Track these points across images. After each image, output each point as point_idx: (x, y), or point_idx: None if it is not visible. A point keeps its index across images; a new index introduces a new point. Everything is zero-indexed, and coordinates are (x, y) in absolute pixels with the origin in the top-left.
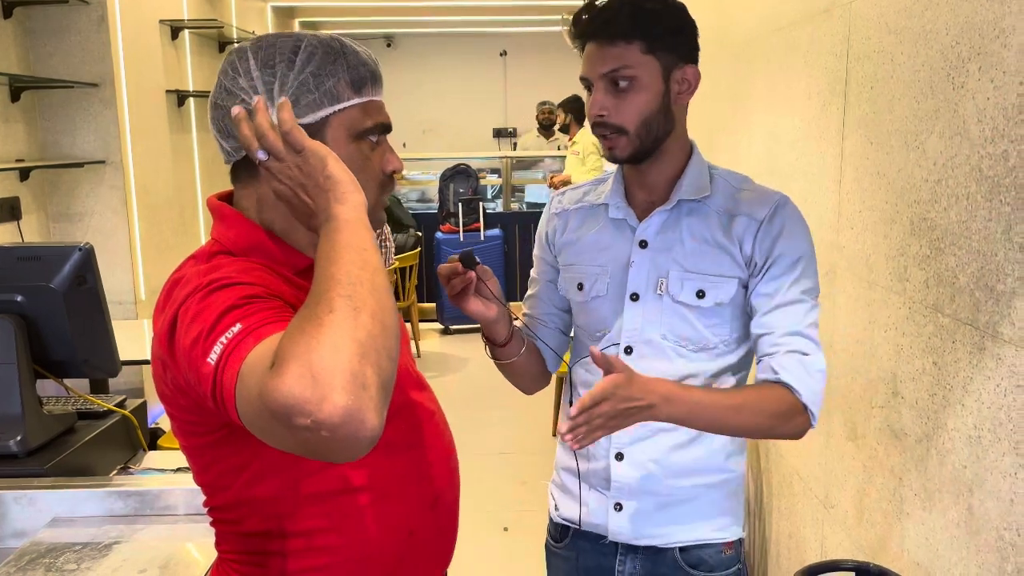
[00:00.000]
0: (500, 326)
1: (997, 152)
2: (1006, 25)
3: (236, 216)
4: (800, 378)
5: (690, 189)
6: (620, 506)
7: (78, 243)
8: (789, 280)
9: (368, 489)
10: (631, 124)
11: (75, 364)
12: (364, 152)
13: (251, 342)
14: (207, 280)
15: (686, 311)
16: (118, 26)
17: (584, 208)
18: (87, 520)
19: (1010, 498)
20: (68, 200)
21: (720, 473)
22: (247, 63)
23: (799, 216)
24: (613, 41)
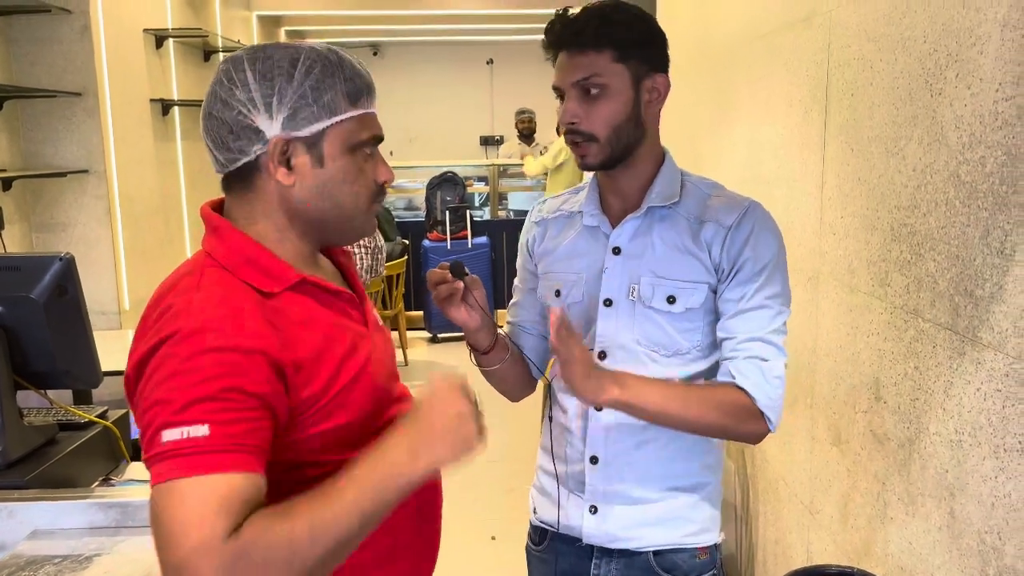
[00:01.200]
0: (483, 334)
1: (975, 158)
2: (982, 32)
3: (228, 228)
4: (757, 383)
5: (660, 196)
6: (595, 509)
7: (58, 253)
8: (754, 286)
9: None
10: (602, 131)
11: (56, 375)
12: (359, 163)
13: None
14: (195, 326)
15: (658, 316)
16: (101, 35)
17: (562, 216)
18: (68, 532)
19: (991, 501)
20: (51, 210)
21: (695, 478)
22: (244, 74)
23: (768, 222)
24: (584, 50)
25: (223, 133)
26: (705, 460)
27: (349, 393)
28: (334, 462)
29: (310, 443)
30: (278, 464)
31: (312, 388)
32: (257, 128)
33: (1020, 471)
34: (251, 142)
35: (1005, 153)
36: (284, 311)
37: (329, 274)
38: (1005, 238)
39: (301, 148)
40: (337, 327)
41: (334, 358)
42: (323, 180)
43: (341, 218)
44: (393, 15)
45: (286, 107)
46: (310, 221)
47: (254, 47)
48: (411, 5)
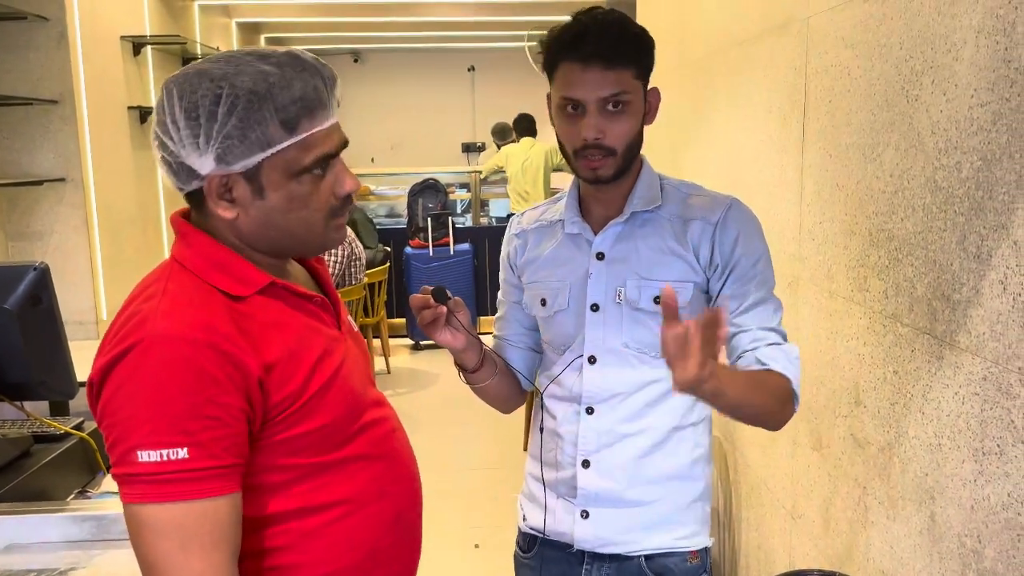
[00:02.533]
0: (469, 354)
1: (951, 163)
2: (957, 39)
3: (197, 234)
4: (787, 367)
5: (641, 201)
6: (586, 514)
7: (33, 262)
8: (755, 281)
9: (329, 507)
10: (621, 146)
11: (31, 386)
12: (305, 188)
13: (189, 491)
14: (163, 333)
15: (645, 317)
16: (78, 42)
17: (542, 226)
18: (43, 546)
19: (970, 505)
20: (27, 219)
21: (686, 481)
22: (173, 110)
23: (752, 215)
24: (613, 66)
25: (165, 169)
26: (697, 463)
27: (323, 396)
28: (303, 466)
29: (283, 447)
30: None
31: (286, 390)
32: (190, 166)
33: (999, 474)
34: (189, 178)
35: (981, 158)
36: (254, 315)
37: (301, 279)
38: (981, 243)
39: (240, 181)
40: (309, 330)
41: (308, 361)
42: (267, 210)
43: (294, 242)
44: (374, 22)
45: (213, 148)
46: (263, 246)
47: (184, 73)
48: (392, 13)
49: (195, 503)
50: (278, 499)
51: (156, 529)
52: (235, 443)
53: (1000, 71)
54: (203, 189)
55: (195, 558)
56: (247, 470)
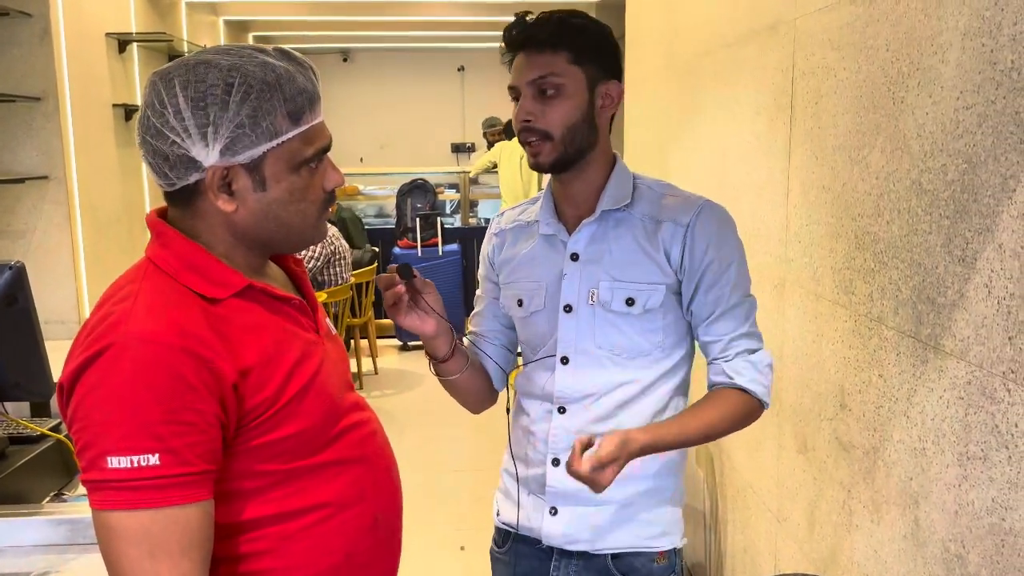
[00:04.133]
0: (440, 341)
1: (936, 166)
2: (943, 41)
3: (173, 234)
4: (753, 379)
5: (611, 199)
6: (555, 511)
7: (9, 261)
8: (728, 285)
9: (307, 512)
10: (556, 130)
11: (6, 387)
12: (304, 179)
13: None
14: (135, 336)
15: (617, 319)
16: (62, 39)
17: (519, 226)
18: (16, 550)
19: (955, 509)
20: (9, 217)
21: (655, 480)
22: (176, 100)
23: (725, 217)
24: (541, 50)
25: (159, 161)
26: (667, 463)
27: (300, 402)
28: (279, 472)
29: (259, 452)
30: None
31: (262, 395)
32: (193, 158)
33: (983, 479)
34: (188, 171)
35: (966, 161)
36: (229, 318)
37: (279, 281)
38: (966, 246)
39: (241, 173)
40: (286, 333)
41: (284, 365)
42: (267, 203)
43: (290, 235)
44: (363, 21)
45: (223, 137)
46: (256, 240)
47: (185, 62)
48: (381, 12)
49: (164, 510)
50: (254, 505)
51: (124, 536)
52: (208, 449)
53: (986, 73)
54: (199, 184)
55: (164, 566)
56: (222, 476)
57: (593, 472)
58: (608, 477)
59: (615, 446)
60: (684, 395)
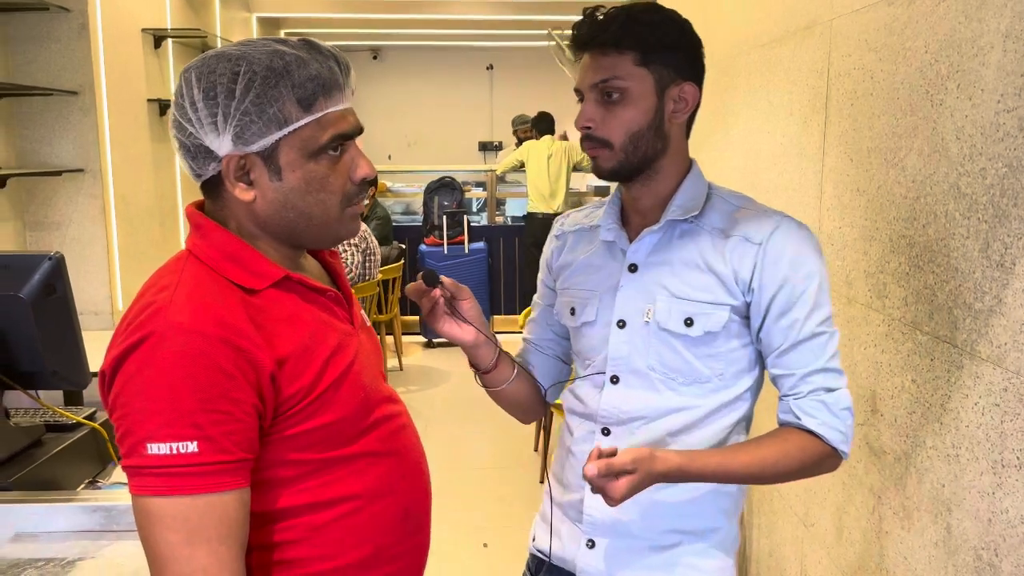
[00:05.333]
0: (482, 351)
1: (975, 170)
2: (984, 43)
3: (212, 226)
4: (825, 422)
5: (680, 209)
6: (592, 543)
7: (48, 252)
8: (803, 313)
9: (339, 502)
10: (617, 138)
11: (44, 375)
12: (323, 169)
13: (197, 484)
14: (176, 325)
15: (674, 340)
16: (99, 34)
17: (581, 230)
18: (51, 536)
19: (988, 517)
20: (45, 209)
21: (706, 522)
22: (192, 92)
23: (805, 236)
24: (605, 51)
25: (183, 153)
26: (720, 502)
27: (335, 392)
28: (313, 461)
29: (293, 441)
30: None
31: (298, 384)
32: (209, 148)
33: (1018, 487)
34: (206, 161)
35: (1006, 165)
36: (267, 308)
37: (315, 273)
38: (1005, 251)
39: (257, 162)
40: (322, 325)
41: (320, 355)
42: (284, 192)
43: (311, 227)
44: (393, 19)
45: (231, 125)
46: (280, 230)
47: (204, 57)
48: (411, 9)
49: (203, 497)
50: (288, 494)
51: (163, 522)
52: (245, 438)
53: None
54: (219, 175)
55: (201, 552)
56: (257, 465)
57: (601, 478)
58: (620, 490)
59: (632, 457)
60: (746, 432)
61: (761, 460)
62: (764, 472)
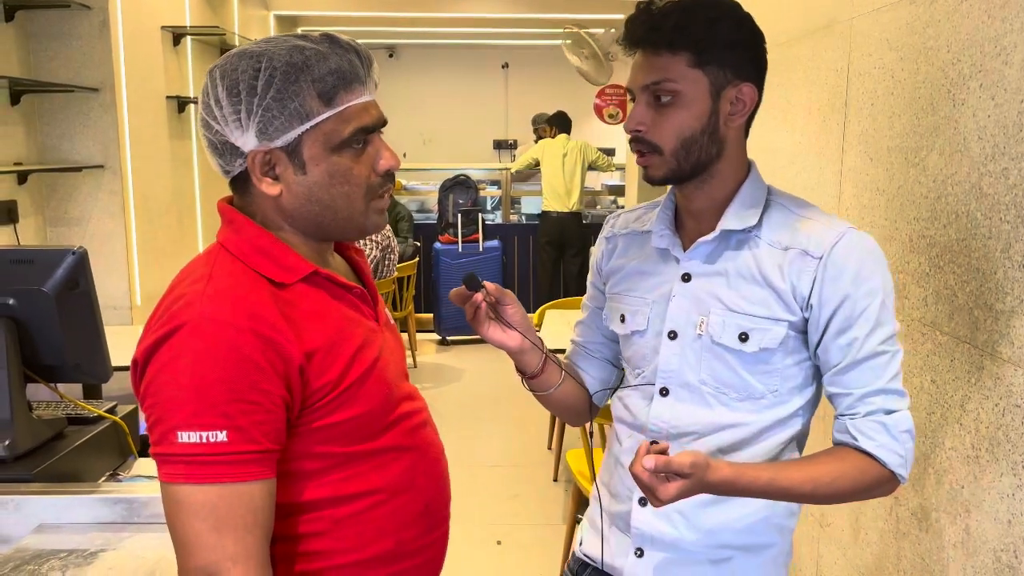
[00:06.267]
0: (528, 357)
1: (997, 170)
2: (1007, 43)
3: (244, 220)
4: (884, 444)
5: (736, 218)
6: (641, 552)
7: (71, 246)
8: (865, 330)
9: (361, 496)
10: (668, 144)
11: (66, 369)
12: (346, 162)
13: (226, 473)
14: (208, 316)
15: (727, 355)
16: (119, 31)
17: (632, 234)
18: (73, 527)
19: (1008, 519)
20: (66, 204)
21: (758, 538)
22: (216, 91)
23: (870, 249)
24: (658, 50)
25: (211, 151)
26: (773, 518)
27: (361, 386)
28: (338, 455)
29: (319, 434)
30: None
31: (326, 377)
32: (234, 144)
33: None
34: (233, 157)
35: None
36: (296, 302)
37: (341, 270)
38: None
39: (282, 157)
40: (349, 321)
41: (348, 350)
42: (308, 186)
43: (336, 219)
44: (410, 17)
45: (255, 121)
46: (307, 224)
47: (227, 56)
48: (427, 8)
49: (231, 486)
50: (312, 486)
51: (191, 509)
52: (273, 428)
53: None
54: (246, 171)
55: (229, 540)
56: (283, 456)
57: (654, 476)
58: (670, 492)
59: (691, 461)
60: (800, 450)
61: (814, 479)
62: (817, 492)
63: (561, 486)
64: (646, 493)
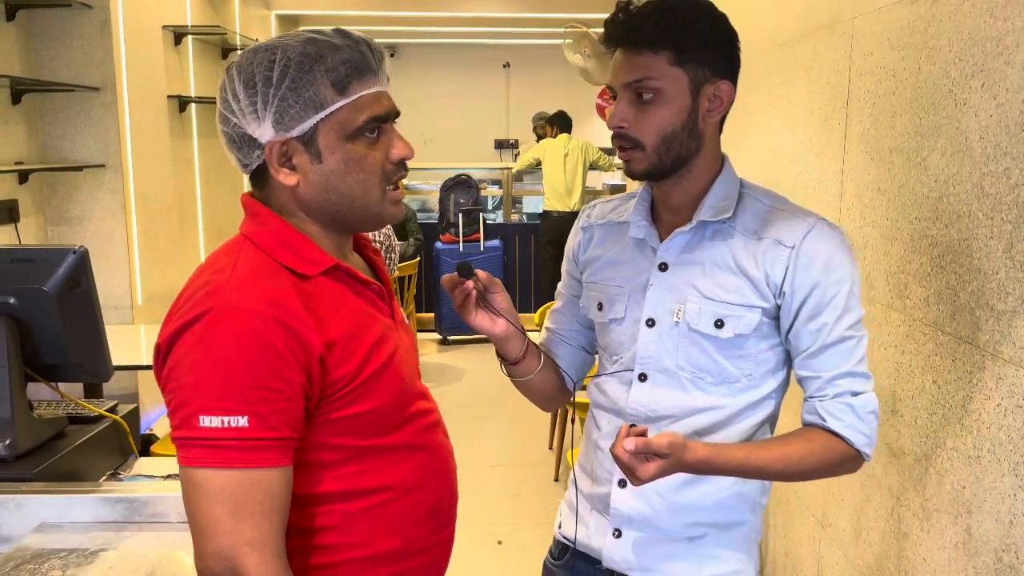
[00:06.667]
0: (511, 343)
1: (999, 169)
2: (1009, 42)
3: (268, 214)
4: (850, 424)
5: (712, 210)
6: (619, 533)
7: (72, 246)
8: (834, 316)
9: (373, 492)
10: (650, 139)
11: (67, 368)
12: (361, 150)
13: (246, 459)
14: (232, 304)
15: (704, 340)
16: (121, 31)
17: (609, 224)
18: (74, 526)
19: (1009, 519)
20: (67, 203)
21: (732, 515)
22: (233, 85)
23: (839, 240)
24: (639, 49)
25: (229, 145)
26: (744, 496)
27: (378, 380)
28: (353, 448)
29: (336, 425)
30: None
31: (345, 368)
32: (252, 136)
33: None
34: (251, 150)
35: None
36: (317, 294)
37: (360, 268)
38: None
39: (298, 147)
40: (367, 315)
41: (366, 343)
42: (325, 174)
43: (353, 208)
44: (411, 16)
45: (271, 111)
46: (324, 214)
47: (245, 52)
48: (428, 7)
49: (250, 471)
50: (327, 479)
51: (210, 493)
52: (292, 417)
53: None
54: (265, 164)
55: (246, 525)
56: (300, 447)
57: (634, 456)
58: (649, 472)
59: (668, 441)
60: (771, 431)
61: (785, 458)
62: (787, 469)
63: (562, 486)
64: (626, 473)
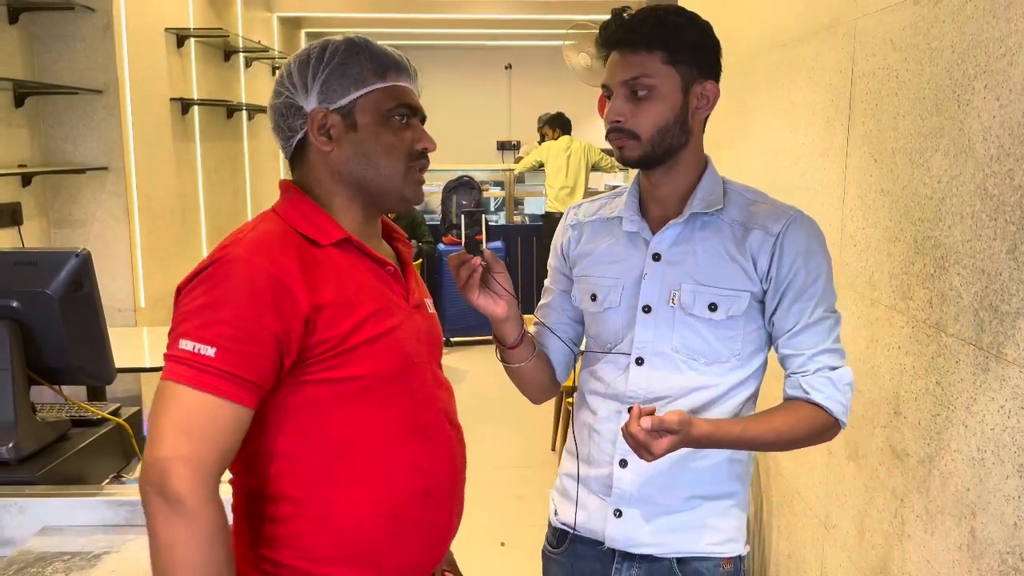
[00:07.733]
0: (510, 326)
1: (1003, 171)
2: (1012, 43)
3: (296, 191)
4: (831, 396)
5: (702, 203)
6: (619, 513)
7: (75, 249)
8: (813, 299)
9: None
10: (645, 132)
11: (70, 371)
12: (392, 130)
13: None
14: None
15: (698, 324)
16: (123, 33)
17: (599, 221)
18: (78, 529)
19: (1013, 521)
20: (70, 206)
21: (723, 487)
22: (290, 67)
23: (816, 230)
24: (635, 49)
25: (276, 118)
26: (734, 469)
27: (372, 347)
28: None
29: (325, 388)
30: None
31: (334, 331)
32: (299, 106)
33: None
34: (296, 118)
35: None
36: (321, 261)
37: (386, 254)
38: None
39: (337, 118)
40: (373, 288)
41: (362, 310)
42: (357, 143)
43: (379, 178)
44: (413, 18)
45: (319, 83)
46: (353, 183)
47: (298, 51)
48: (430, 9)
49: (203, 395)
50: (312, 439)
51: (167, 405)
52: (259, 365)
53: None
54: (306, 137)
55: (186, 441)
56: (291, 404)
57: (648, 434)
58: (662, 447)
59: (678, 419)
60: (754, 407)
61: (776, 429)
62: (778, 439)
63: None
64: (639, 450)
